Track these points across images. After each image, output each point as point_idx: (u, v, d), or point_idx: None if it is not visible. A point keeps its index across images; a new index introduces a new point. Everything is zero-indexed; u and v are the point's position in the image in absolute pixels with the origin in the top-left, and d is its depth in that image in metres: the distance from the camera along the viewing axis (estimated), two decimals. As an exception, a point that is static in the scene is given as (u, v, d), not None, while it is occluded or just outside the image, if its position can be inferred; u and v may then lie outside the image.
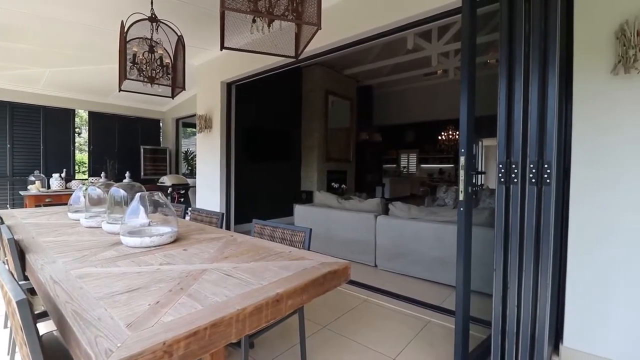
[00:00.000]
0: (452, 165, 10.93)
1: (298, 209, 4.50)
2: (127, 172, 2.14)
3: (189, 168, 7.56)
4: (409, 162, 12.11)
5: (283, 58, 2.17)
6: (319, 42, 3.26)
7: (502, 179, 1.51)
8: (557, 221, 2.05)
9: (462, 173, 1.63)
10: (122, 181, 2.14)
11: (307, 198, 6.32)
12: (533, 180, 1.43)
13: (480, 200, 4.71)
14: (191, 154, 7.61)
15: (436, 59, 6.48)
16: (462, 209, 1.62)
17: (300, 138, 6.96)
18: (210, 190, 4.86)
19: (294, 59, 2.10)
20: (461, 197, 1.63)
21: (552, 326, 2.03)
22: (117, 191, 2.06)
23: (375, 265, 3.64)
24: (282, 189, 6.44)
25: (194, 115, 5.20)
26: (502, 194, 1.50)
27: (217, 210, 4.50)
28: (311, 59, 3.62)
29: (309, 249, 1.72)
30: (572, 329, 1.97)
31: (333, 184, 6.34)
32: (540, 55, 1.46)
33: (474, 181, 1.67)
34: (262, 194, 5.98)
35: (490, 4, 2.06)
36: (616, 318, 1.84)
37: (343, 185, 6.44)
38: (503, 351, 1.51)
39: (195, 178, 5.24)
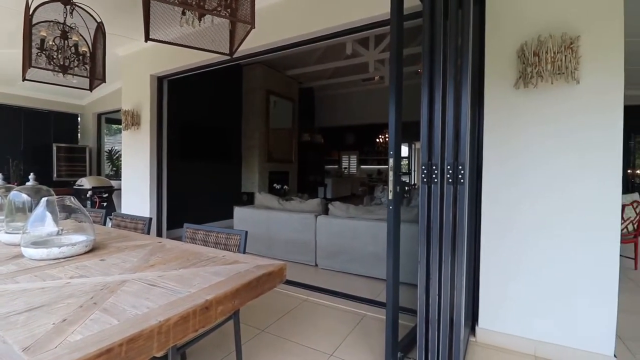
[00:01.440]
0: (387, 167, 11.60)
1: (238, 211, 4.37)
2: (32, 174, 1.86)
3: (114, 169, 6.86)
4: (350, 163, 12.57)
5: (219, 55, 2.09)
6: (257, 41, 3.21)
7: (425, 179, 1.65)
8: (472, 216, 2.30)
9: (390, 174, 1.74)
10: (25, 184, 1.85)
11: (249, 200, 6.17)
12: (450, 180, 1.58)
13: (413, 198, 5.08)
14: (116, 153, 6.90)
15: (373, 66, 6.82)
16: (391, 207, 1.73)
17: (240, 138, 6.77)
18: (138, 193, 4.47)
19: (230, 57, 2.04)
20: (390, 196, 1.74)
21: (469, 310, 2.28)
22: (18, 196, 1.79)
23: (316, 265, 3.70)
24: (222, 190, 6.20)
25: (119, 111, 4.73)
26: (424, 193, 1.64)
27: (147, 215, 4.16)
28: (249, 58, 3.55)
29: (244, 252, 1.68)
30: (485, 311, 2.23)
31: (275, 185, 6.29)
32: (456, 69, 1.62)
33: (408, 181, 1.79)
34: (199, 196, 5.68)
35: (416, 19, 2.24)
36: (517, 298, 2.14)
37: (285, 186, 6.43)
38: (427, 337, 1.65)
39: (120, 180, 4.77)
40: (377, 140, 11.52)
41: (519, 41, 2.13)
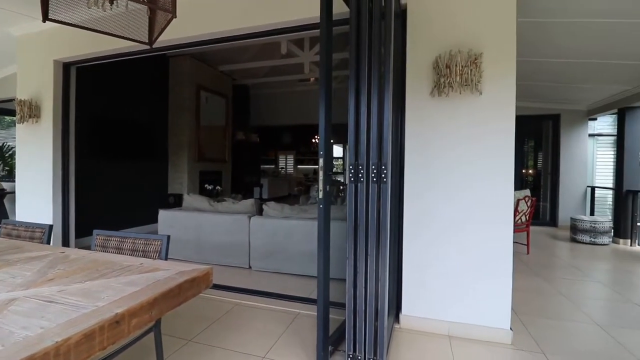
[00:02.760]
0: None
1: (163, 214, 4.05)
2: None
3: (6, 168, 5.80)
4: (287, 162, 12.56)
5: (139, 44, 1.90)
6: (184, 32, 3.02)
7: (352, 178, 1.73)
8: (396, 213, 2.49)
9: (321, 173, 1.78)
10: None
11: (176, 202, 5.76)
12: (374, 179, 1.69)
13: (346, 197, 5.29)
14: (9, 149, 5.84)
15: (308, 67, 6.91)
16: (321, 206, 1.78)
17: (167, 134, 6.27)
18: (37, 196, 3.84)
19: (149, 47, 1.88)
20: (320, 195, 1.78)
21: (394, 300, 2.46)
22: None
23: (250, 267, 3.62)
24: (145, 192, 5.67)
25: (12, 100, 4.01)
26: (352, 192, 1.72)
27: (50, 222, 3.61)
28: (175, 49, 3.31)
29: (166, 259, 1.56)
30: (408, 299, 2.43)
31: (207, 185, 5.97)
32: (380, 76, 1.73)
33: (343, 180, 1.85)
34: (118, 199, 5.11)
35: (345, 25, 2.33)
36: (433, 286, 2.37)
37: (218, 187, 6.15)
38: (355, 328, 1.73)
39: (14, 181, 4.05)
40: (314, 140, 11.73)
41: (434, 54, 2.36)
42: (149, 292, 1.11)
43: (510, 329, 2.22)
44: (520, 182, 7.61)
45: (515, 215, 4.49)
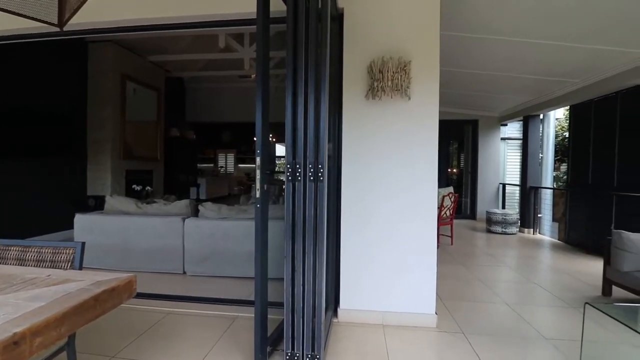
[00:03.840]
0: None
1: (80, 219, 3.60)
2: None
3: None
4: (227, 161, 12.09)
5: (46, 25, 1.66)
6: (106, 16, 2.72)
7: (290, 177, 1.73)
8: (334, 210, 2.56)
9: (258, 172, 1.75)
10: None
11: (98, 205, 5.16)
12: (312, 178, 1.72)
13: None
14: None
15: (248, 63, 6.74)
16: (258, 205, 1.75)
17: (85, 129, 5.59)
18: None
19: (59, 29, 1.66)
20: (257, 194, 1.75)
21: (332, 295, 2.53)
22: None
23: (184, 272, 3.41)
24: (58, 195, 4.98)
25: None
26: (289, 190, 1.73)
27: None
28: (95, 34, 2.97)
29: (80, 268, 1.39)
30: (345, 294, 2.52)
31: (135, 186, 5.46)
32: (316, 76, 1.76)
33: (286, 178, 1.82)
34: (22, 204, 4.41)
35: (282, 23, 2.32)
36: (369, 279, 2.49)
37: (148, 188, 5.67)
38: (293, 326, 1.74)
39: None
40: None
41: (369, 59, 2.48)
42: (57, 306, 0.98)
43: (435, 313, 2.44)
44: (445, 180, 8.39)
45: (440, 210, 4.94)
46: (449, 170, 8.74)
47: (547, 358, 2.06)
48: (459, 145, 8.58)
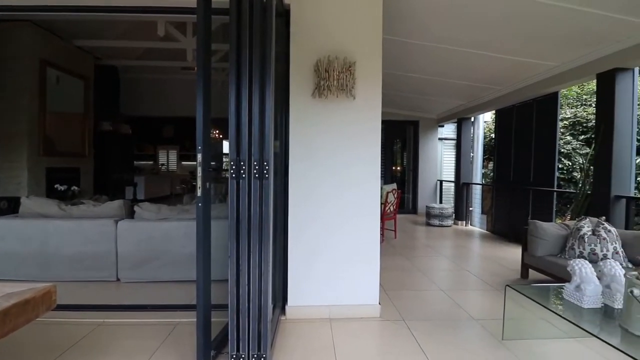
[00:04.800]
0: (213, 163, 11.21)
1: (-13, 224, 3.11)
2: None
3: None
4: (169, 159, 11.33)
5: None
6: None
7: (233, 175, 1.68)
8: (282, 208, 2.54)
9: (199, 170, 1.67)
10: None
11: (12, 207, 4.49)
12: (257, 175, 1.68)
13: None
14: None
15: (191, 54, 6.37)
16: (200, 204, 1.67)
17: (-6, 121, 4.83)
18: None
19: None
20: (199, 192, 1.67)
21: (280, 293, 2.51)
22: None
23: (118, 279, 3.13)
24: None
25: None
26: (233, 188, 1.68)
27: None
28: (5, 12, 2.57)
29: (-17, 280, 1.20)
30: (293, 291, 2.52)
31: (58, 186, 4.85)
32: (261, 72, 1.73)
33: (230, 176, 1.74)
34: None
35: (227, 15, 2.23)
36: (316, 275, 2.53)
37: (74, 188, 5.08)
38: (238, 328, 1.70)
39: None
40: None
41: (316, 57, 2.50)
42: (-52, 327, 0.84)
43: (379, 303, 2.56)
44: (390, 178, 8.83)
45: (385, 206, 5.19)
46: (394, 168, 9.21)
47: (475, 336, 2.28)
48: (402, 144, 9.08)
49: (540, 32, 3.39)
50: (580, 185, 4.02)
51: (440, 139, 8.58)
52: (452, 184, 7.75)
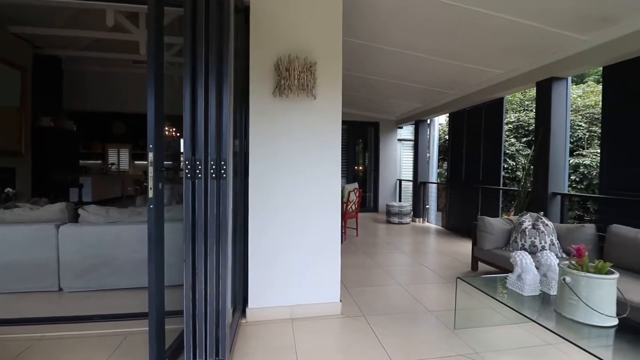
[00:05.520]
0: (171, 162, 10.68)
1: None
2: None
3: None
4: (120, 158, 10.60)
5: None
6: None
7: (189, 175, 1.61)
8: (242, 208, 2.49)
9: (150, 170, 1.58)
10: None
11: None
12: (214, 175, 1.63)
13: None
14: None
15: (145, 47, 6.01)
16: (152, 206, 1.58)
17: None
18: None
19: None
20: (150, 194, 1.58)
21: (240, 296, 2.46)
22: None
23: (60, 289, 2.87)
24: None
25: None
26: (188, 188, 1.61)
27: None
28: None
29: None
30: (254, 293, 2.48)
31: (-13, 187, 4.33)
32: (218, 69, 1.67)
33: (185, 176, 1.66)
34: None
35: (181, 7, 2.14)
36: (278, 276, 2.51)
37: (9, 189, 4.57)
38: (195, 334, 1.63)
39: None
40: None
41: (276, 56, 2.48)
42: None
43: (340, 300, 2.60)
44: (352, 177, 9.00)
45: (347, 205, 5.28)
46: (356, 167, 9.39)
47: (430, 327, 2.40)
48: (364, 144, 9.29)
49: (487, 41, 3.65)
50: (522, 183, 4.39)
51: (399, 140, 8.91)
52: (411, 183, 8.08)
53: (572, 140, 6.68)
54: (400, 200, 8.47)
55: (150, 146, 1.59)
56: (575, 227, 3.18)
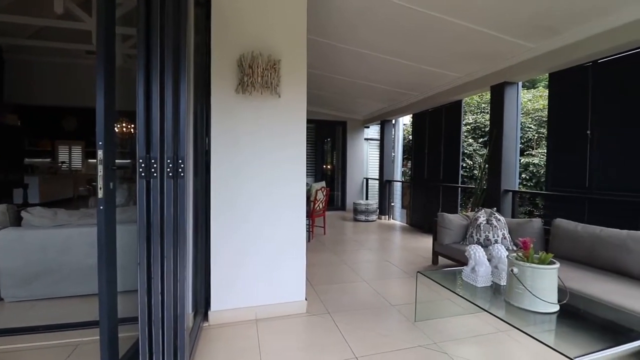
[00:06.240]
0: (129, 161, 10.09)
1: None
2: None
3: None
4: (72, 156, 9.85)
5: None
6: None
7: (143, 174, 1.53)
8: (203, 208, 2.41)
9: (100, 168, 1.48)
10: None
11: None
12: (170, 174, 1.56)
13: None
14: None
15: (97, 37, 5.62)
16: (102, 207, 1.48)
17: None
18: None
19: None
20: (100, 194, 1.48)
21: (202, 299, 2.39)
22: None
23: (1, 299, 2.61)
24: None
25: None
26: (143, 188, 1.53)
27: None
28: None
29: None
30: (217, 295, 2.41)
31: None
32: (175, 62, 1.60)
33: (138, 175, 1.57)
34: None
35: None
36: (243, 277, 2.46)
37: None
38: (150, 341, 1.56)
39: None
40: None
41: (239, 52, 2.42)
42: None
43: (305, 299, 2.61)
44: (321, 176, 9.05)
45: (314, 204, 5.30)
46: (324, 166, 9.45)
47: (392, 321, 2.47)
48: (332, 143, 9.37)
49: (447, 46, 3.82)
50: (478, 181, 4.65)
51: (366, 139, 9.08)
52: (377, 182, 8.27)
53: (522, 141, 7.18)
54: (367, 199, 8.64)
55: (100, 143, 1.49)
56: (524, 222, 3.43)
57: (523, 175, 6.85)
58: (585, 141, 3.38)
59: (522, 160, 6.88)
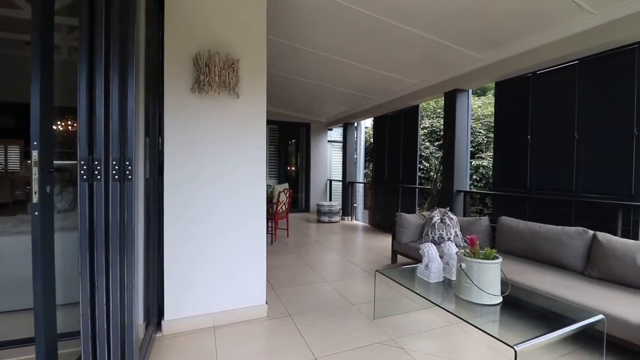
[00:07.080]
0: (75, 162, 9.31)
1: None
2: None
3: None
4: (7, 156, 8.89)
5: None
6: None
7: (85, 176, 1.42)
8: (155, 212, 2.30)
9: (35, 170, 1.36)
10: None
11: None
12: (116, 177, 1.47)
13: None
14: None
15: (39, 28, 5.14)
16: (37, 213, 1.36)
17: None
18: None
19: None
20: (35, 199, 1.36)
21: (154, 309, 2.27)
22: None
23: None
24: None
25: None
26: (85, 192, 1.42)
27: None
28: None
29: None
30: (171, 303, 2.30)
31: None
32: (121, 58, 1.51)
33: (80, 178, 1.45)
34: None
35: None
36: (200, 284, 2.37)
37: None
38: (95, 356, 1.45)
39: None
40: (58, 126, 8.91)
41: (195, 50, 2.34)
42: None
43: (266, 302, 2.57)
44: (285, 177, 9.00)
45: (277, 206, 5.26)
46: (288, 168, 9.41)
47: (352, 320, 2.51)
48: (296, 145, 9.36)
49: (401, 52, 3.98)
50: (434, 182, 4.90)
51: (329, 141, 9.19)
52: (340, 183, 8.40)
53: (473, 144, 7.67)
54: (330, 200, 8.73)
55: (35, 143, 1.36)
56: (474, 220, 3.66)
57: (474, 177, 7.32)
58: (526, 145, 3.70)
59: (473, 163, 7.34)
